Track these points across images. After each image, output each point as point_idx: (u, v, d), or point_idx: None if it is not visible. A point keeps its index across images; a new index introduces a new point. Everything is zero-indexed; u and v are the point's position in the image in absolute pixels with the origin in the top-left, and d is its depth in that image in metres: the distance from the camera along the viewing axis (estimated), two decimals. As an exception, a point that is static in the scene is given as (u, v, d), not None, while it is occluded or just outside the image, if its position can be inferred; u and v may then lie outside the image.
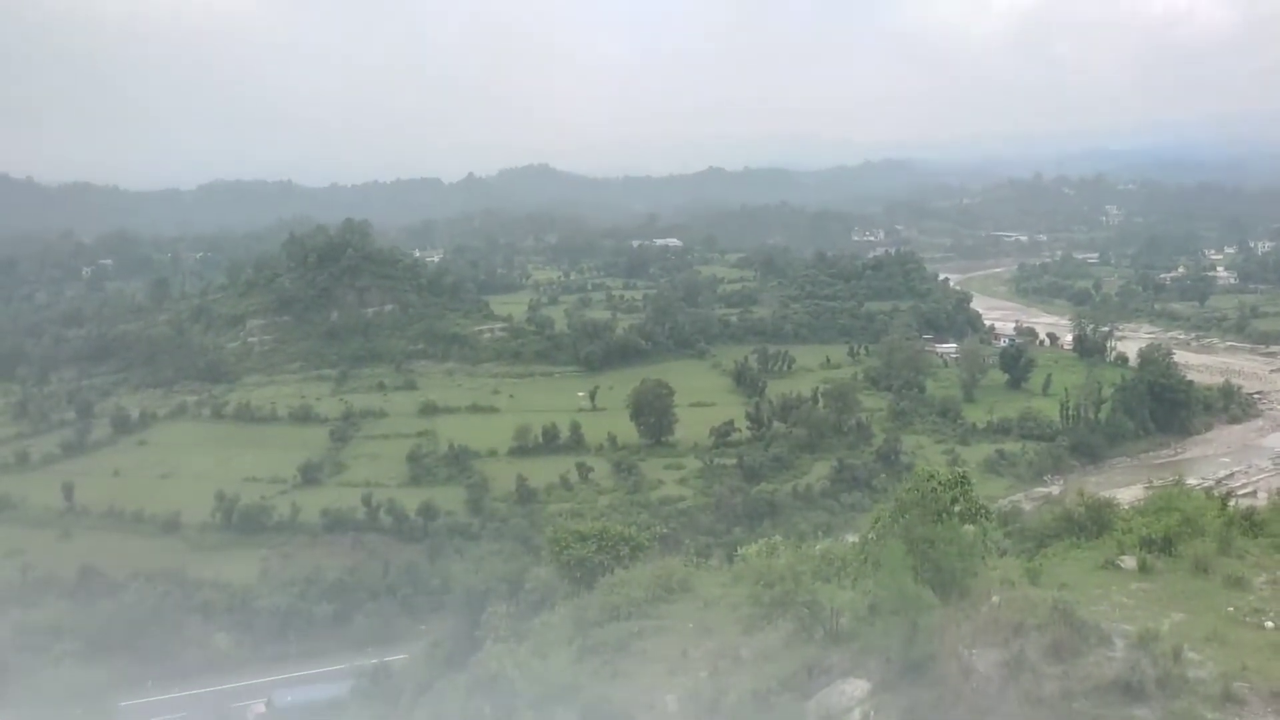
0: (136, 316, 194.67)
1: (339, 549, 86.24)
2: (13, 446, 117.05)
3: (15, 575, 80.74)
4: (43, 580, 79.42)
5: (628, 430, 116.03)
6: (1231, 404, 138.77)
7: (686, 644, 24.23)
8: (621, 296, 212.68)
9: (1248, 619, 16.93)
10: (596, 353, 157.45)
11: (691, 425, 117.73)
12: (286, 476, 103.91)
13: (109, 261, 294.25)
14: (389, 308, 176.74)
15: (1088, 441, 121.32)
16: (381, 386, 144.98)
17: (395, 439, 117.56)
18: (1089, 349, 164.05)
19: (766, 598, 21.47)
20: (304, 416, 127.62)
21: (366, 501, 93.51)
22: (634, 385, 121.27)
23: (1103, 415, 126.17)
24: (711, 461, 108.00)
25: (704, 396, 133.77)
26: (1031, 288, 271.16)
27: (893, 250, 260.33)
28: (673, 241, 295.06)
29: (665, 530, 78.05)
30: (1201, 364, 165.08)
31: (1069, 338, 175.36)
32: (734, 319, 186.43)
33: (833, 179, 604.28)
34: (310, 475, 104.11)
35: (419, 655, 45.18)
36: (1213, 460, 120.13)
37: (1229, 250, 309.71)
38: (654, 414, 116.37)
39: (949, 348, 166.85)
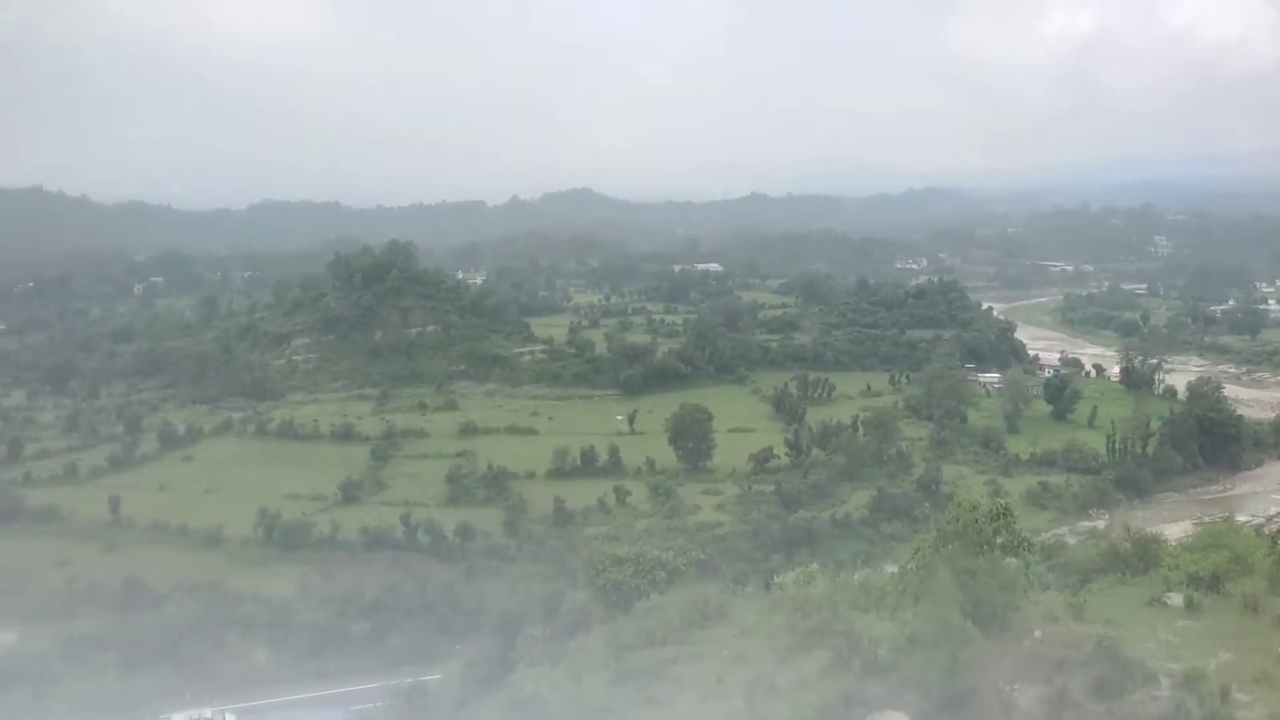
0: (185, 333, 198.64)
1: (377, 567, 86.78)
2: (62, 459, 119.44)
3: (61, 586, 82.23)
4: (87, 591, 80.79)
5: (666, 455, 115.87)
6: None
7: (722, 672, 24.06)
8: (662, 320, 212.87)
9: (1299, 661, 16.51)
10: (636, 376, 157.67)
11: (730, 451, 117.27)
12: (327, 494, 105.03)
13: (160, 279, 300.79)
14: (431, 328, 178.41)
15: (1134, 475, 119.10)
16: (422, 406, 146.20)
17: (435, 459, 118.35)
18: (1136, 381, 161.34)
19: (803, 626, 21.31)
20: (346, 435, 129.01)
21: (405, 520, 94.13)
22: (673, 410, 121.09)
23: (1150, 449, 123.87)
24: (750, 488, 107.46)
25: (743, 422, 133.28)
26: (1077, 318, 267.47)
27: (936, 278, 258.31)
28: (714, 266, 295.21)
29: (702, 556, 77.48)
30: (1252, 399, 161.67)
31: (1116, 369, 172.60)
32: (774, 345, 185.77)
33: (876, 206, 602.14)
34: (350, 493, 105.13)
35: (454, 675, 45.21)
36: (1263, 497, 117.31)
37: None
38: (693, 439, 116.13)
39: (992, 378, 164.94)
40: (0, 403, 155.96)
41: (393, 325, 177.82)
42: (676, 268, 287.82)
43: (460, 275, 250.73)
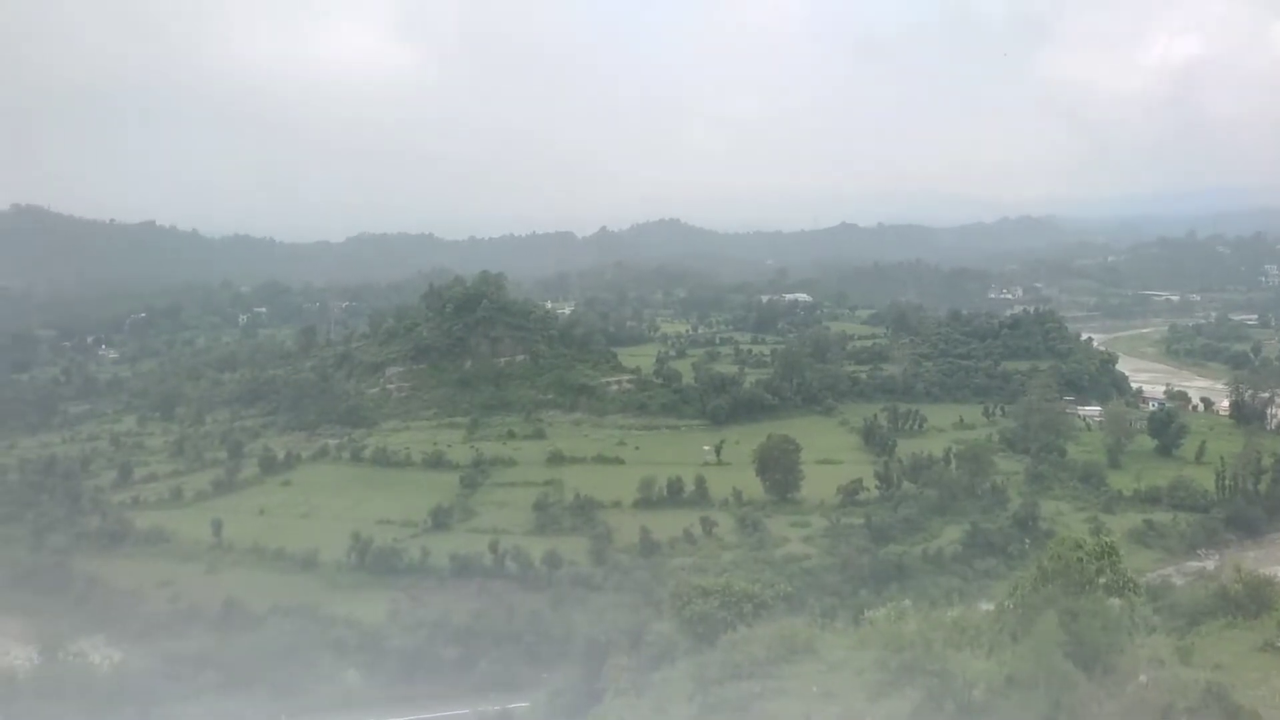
0: (285, 362, 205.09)
1: (465, 593, 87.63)
2: (169, 483, 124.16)
3: (165, 605, 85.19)
4: (189, 611, 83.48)
5: (753, 486, 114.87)
6: None
7: (810, 708, 23.62)
8: (749, 351, 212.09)
9: None
10: (723, 407, 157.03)
11: (818, 483, 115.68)
12: (418, 520, 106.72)
13: (263, 309, 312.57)
14: (520, 358, 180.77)
15: (1246, 514, 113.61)
16: (511, 435, 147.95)
17: (522, 487, 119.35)
18: (1247, 416, 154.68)
19: (894, 664, 20.78)
20: (436, 462, 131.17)
21: (493, 548, 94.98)
22: (760, 440, 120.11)
23: (1263, 487, 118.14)
24: (838, 520, 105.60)
25: (831, 454, 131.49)
26: (1183, 349, 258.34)
27: (1032, 309, 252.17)
28: (802, 297, 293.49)
29: (789, 589, 76.42)
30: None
31: (1225, 403, 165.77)
32: (863, 376, 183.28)
33: (969, 236, 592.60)
34: (440, 520, 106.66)
35: (540, 703, 45.41)
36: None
37: None
38: (780, 470, 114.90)
39: (1092, 410, 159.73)
40: (112, 428, 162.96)
41: (483, 354, 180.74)
42: (764, 298, 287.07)
43: (549, 305, 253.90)
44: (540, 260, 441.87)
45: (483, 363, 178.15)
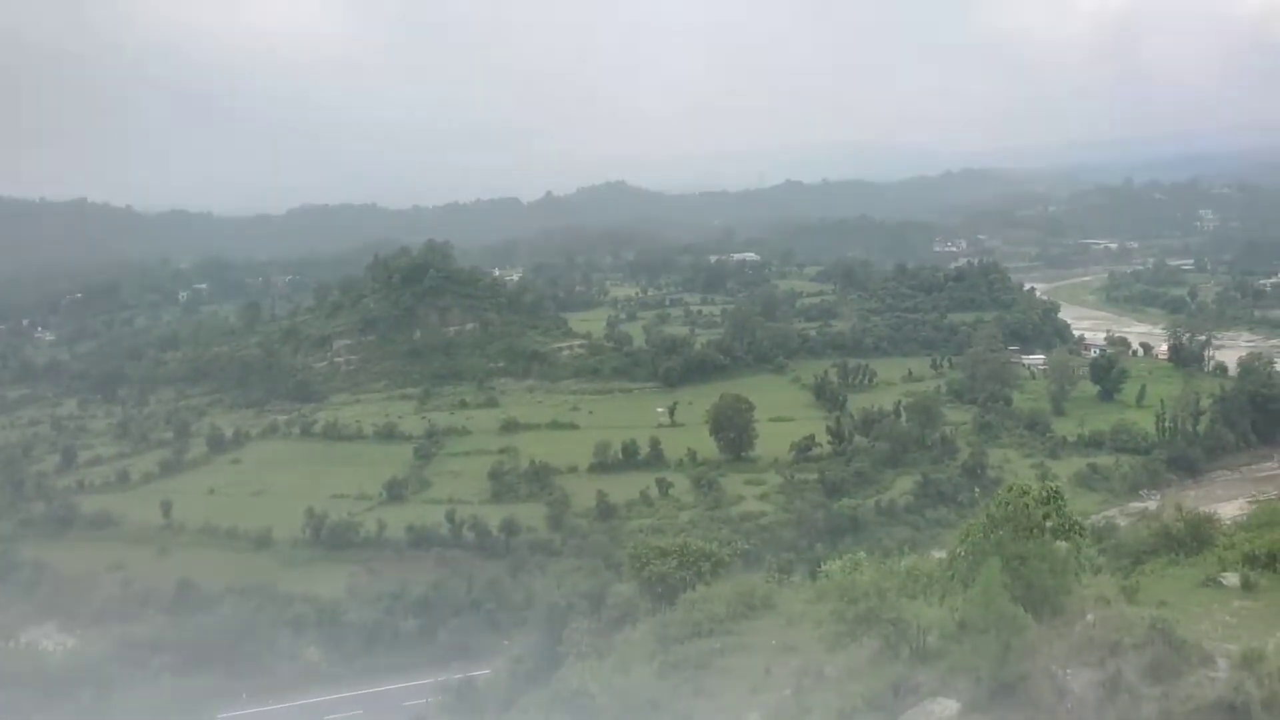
0: (229, 339, 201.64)
1: (423, 565, 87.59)
2: (114, 466, 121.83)
3: (117, 590, 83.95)
4: (142, 594, 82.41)
5: (707, 446, 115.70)
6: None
7: (769, 661, 23.97)
8: (699, 312, 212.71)
9: (1363, 639, 16.08)
10: (675, 368, 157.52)
11: (771, 440, 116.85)
12: (372, 493, 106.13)
13: (204, 286, 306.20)
14: (470, 326, 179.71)
15: (1185, 454, 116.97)
16: (463, 404, 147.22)
17: (477, 456, 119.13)
18: (1185, 359, 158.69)
19: (851, 614, 21.10)
20: (389, 434, 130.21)
21: (450, 518, 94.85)
22: (713, 401, 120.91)
23: (1201, 427, 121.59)
24: (792, 477, 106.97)
25: (784, 411, 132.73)
26: (1123, 296, 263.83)
27: (976, 261, 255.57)
28: (750, 256, 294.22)
29: (746, 546, 77.73)
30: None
31: (1163, 347, 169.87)
32: (813, 333, 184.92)
33: (913, 190, 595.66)
34: (395, 492, 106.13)
35: (502, 671, 45.54)
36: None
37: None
38: (734, 429, 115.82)
39: (1036, 359, 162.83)
40: (53, 412, 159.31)
41: (432, 324, 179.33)
42: (713, 258, 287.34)
43: (497, 273, 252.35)
44: (486, 228, 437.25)
45: (432, 332, 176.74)
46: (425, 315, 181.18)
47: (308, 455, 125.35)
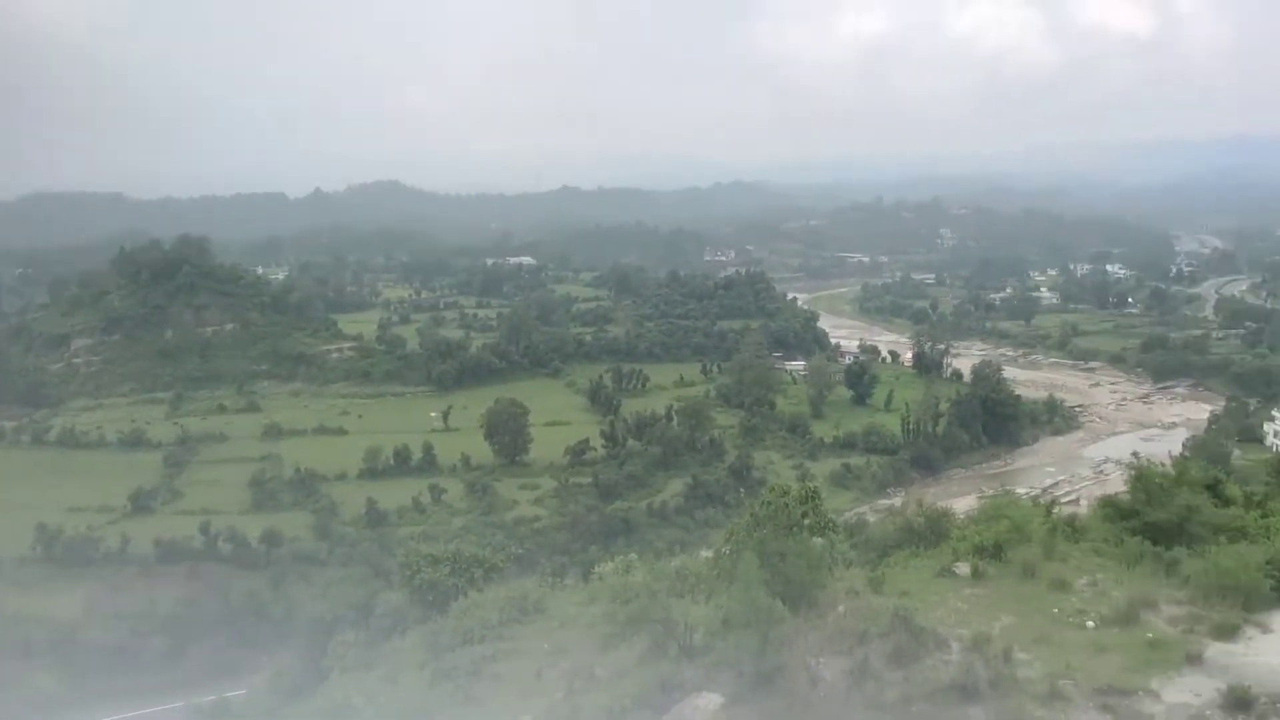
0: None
1: (173, 580, 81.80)
2: None
3: None
4: None
5: (482, 450, 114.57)
6: (1055, 417, 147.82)
7: (541, 665, 23.95)
8: (475, 315, 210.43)
9: (1070, 619, 17.93)
10: (449, 372, 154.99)
11: (547, 445, 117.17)
12: (115, 505, 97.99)
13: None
14: (230, 327, 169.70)
15: (927, 454, 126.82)
16: (221, 409, 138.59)
17: (236, 463, 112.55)
18: (927, 365, 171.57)
19: (622, 615, 21.40)
20: (135, 442, 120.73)
21: (204, 530, 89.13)
22: (488, 405, 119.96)
23: (940, 429, 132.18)
24: (567, 481, 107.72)
25: (559, 415, 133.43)
26: (874, 307, 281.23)
27: (744, 270, 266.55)
28: (527, 260, 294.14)
29: (520, 551, 77.27)
30: (1028, 379, 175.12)
31: (909, 355, 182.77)
32: (589, 338, 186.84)
33: (686, 200, 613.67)
34: (142, 503, 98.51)
35: (260, 688, 43.15)
36: (1039, 470, 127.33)
37: (1051, 272, 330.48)
38: (508, 434, 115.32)
39: (798, 365, 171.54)
40: None
41: (185, 324, 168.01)
42: (489, 261, 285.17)
43: (260, 271, 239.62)
44: (248, 223, 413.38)
45: (186, 333, 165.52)
46: (179, 314, 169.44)
47: (40, 465, 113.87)
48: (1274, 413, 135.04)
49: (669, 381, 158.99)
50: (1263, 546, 20.12)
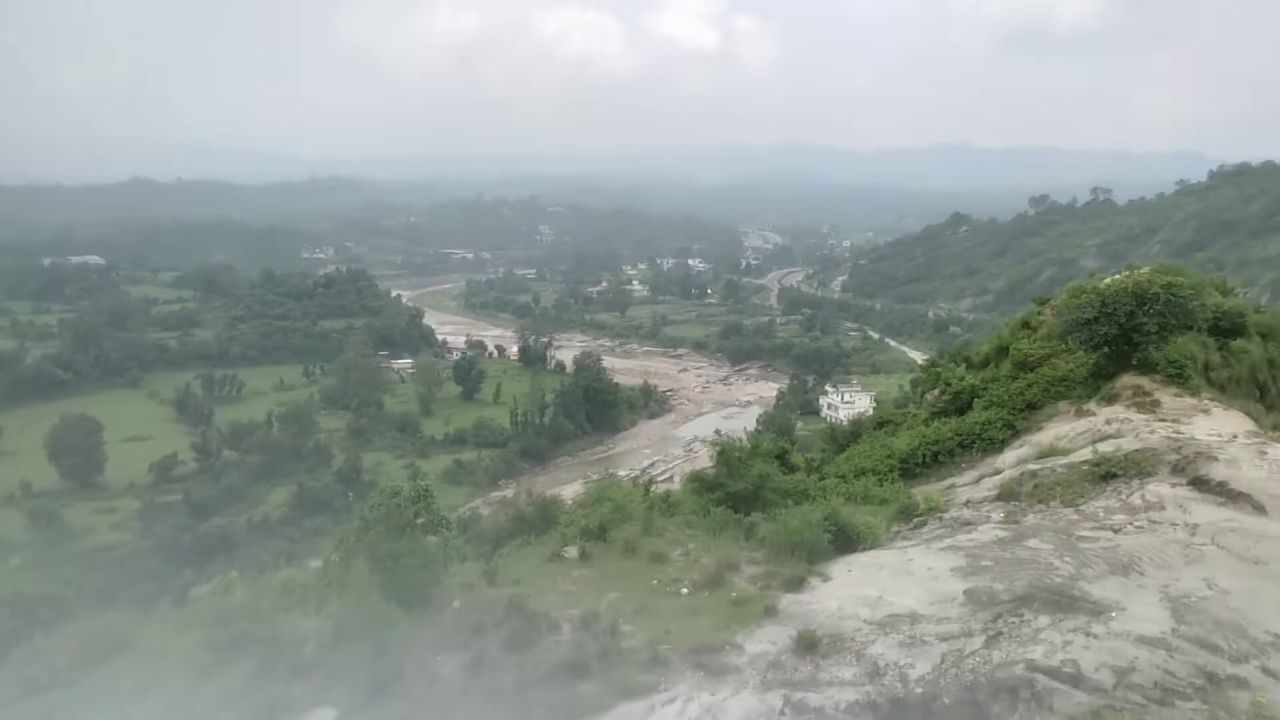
0: None
1: None
2: None
3: None
4: None
5: (46, 474, 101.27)
6: (650, 402, 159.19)
7: (126, 707, 21.61)
8: (30, 322, 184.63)
9: (668, 589, 19.27)
10: (2, 387, 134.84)
11: (126, 463, 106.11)
12: None
13: None
14: None
15: (535, 445, 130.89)
16: None
17: None
18: (532, 358, 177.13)
19: (223, 639, 19.90)
20: None
21: None
22: (52, 423, 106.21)
23: (547, 419, 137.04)
24: (152, 500, 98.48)
25: (140, 429, 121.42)
26: (479, 303, 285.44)
27: (344, 268, 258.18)
28: (94, 259, 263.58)
29: (99, 583, 69.42)
30: (625, 368, 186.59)
31: (515, 349, 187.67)
32: (173, 343, 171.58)
33: (278, 195, 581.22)
34: None
35: None
36: (638, 452, 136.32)
37: (641, 266, 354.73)
38: (79, 454, 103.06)
39: (405, 363, 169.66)
40: None
41: None
42: (46, 261, 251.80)
43: None
44: None
45: None
46: None
47: None
48: (826, 388, 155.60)
49: (268, 386, 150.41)
50: (820, 505, 22.90)
